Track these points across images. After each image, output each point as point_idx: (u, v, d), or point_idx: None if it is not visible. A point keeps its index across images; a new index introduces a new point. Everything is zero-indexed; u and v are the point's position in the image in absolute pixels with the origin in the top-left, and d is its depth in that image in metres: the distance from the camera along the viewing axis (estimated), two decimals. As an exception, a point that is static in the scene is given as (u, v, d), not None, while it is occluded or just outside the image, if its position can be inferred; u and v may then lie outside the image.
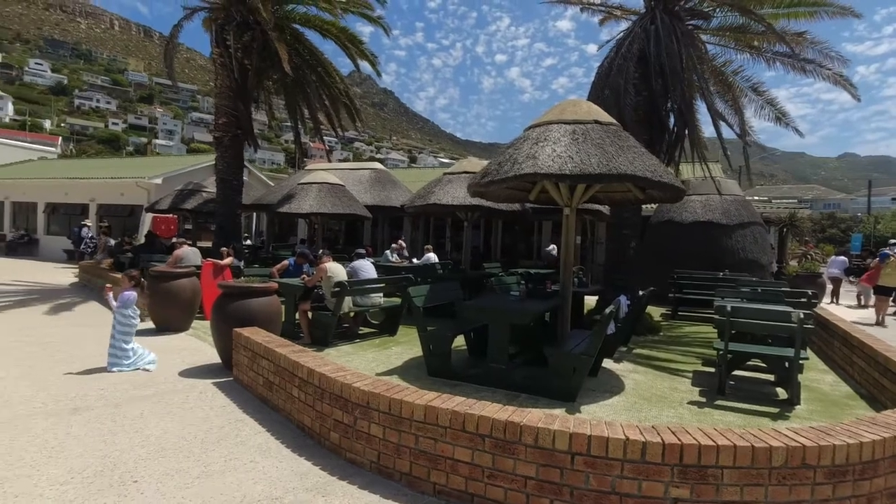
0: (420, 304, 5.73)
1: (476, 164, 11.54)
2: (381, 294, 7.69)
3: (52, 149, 37.97)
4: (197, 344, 6.53)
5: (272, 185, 22.02)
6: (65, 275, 13.91)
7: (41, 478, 2.78)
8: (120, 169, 22.80)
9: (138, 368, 5.12)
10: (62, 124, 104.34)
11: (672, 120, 9.26)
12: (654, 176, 5.09)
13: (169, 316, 7.14)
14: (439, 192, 10.47)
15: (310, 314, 6.93)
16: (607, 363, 6.17)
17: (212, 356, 5.72)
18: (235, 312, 5.05)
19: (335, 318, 6.68)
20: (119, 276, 9.69)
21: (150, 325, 7.45)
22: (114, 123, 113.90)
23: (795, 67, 9.37)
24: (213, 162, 19.68)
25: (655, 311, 9.90)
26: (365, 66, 14.06)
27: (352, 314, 7.41)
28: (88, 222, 18.42)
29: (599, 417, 4.06)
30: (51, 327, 7.23)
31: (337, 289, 6.54)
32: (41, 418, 3.67)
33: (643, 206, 9.62)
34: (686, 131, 9.14)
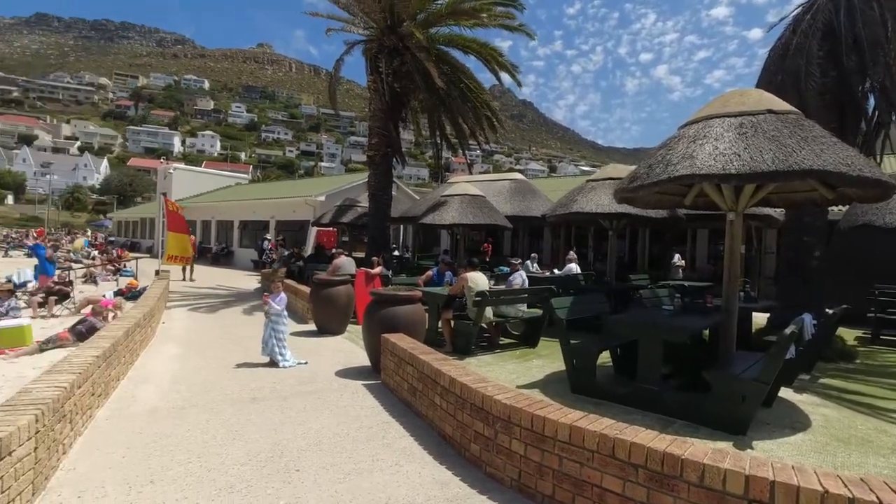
0: (563, 317, 5.48)
1: (621, 169, 10.83)
2: (524, 304, 7.57)
3: (245, 175, 45.39)
4: (351, 346, 7.11)
5: (417, 198, 23.35)
6: (251, 281, 16.38)
7: (227, 457, 3.23)
8: (293, 189, 26.28)
9: (293, 366, 5.74)
10: (252, 154, 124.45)
11: (872, 102, 7.63)
12: (851, 170, 4.18)
13: (328, 319, 7.90)
14: (582, 199, 10.02)
15: (452, 323, 7.10)
16: (785, 392, 5.22)
17: (363, 359, 6.16)
18: (383, 318, 5.37)
19: (476, 328, 6.74)
20: (286, 283, 11.07)
21: (312, 326, 8.35)
22: (289, 151, 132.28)
23: None
24: (363, 180, 21.46)
25: (848, 334, 8.19)
26: (504, 78, 14.23)
27: (492, 324, 7.42)
28: (269, 236, 21.50)
29: (780, 458, 3.41)
30: (242, 325, 8.51)
31: (478, 298, 6.59)
32: (229, 404, 4.29)
33: (829, 209, 8.05)
34: (893, 116, 7.45)
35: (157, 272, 12.72)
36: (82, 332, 6.68)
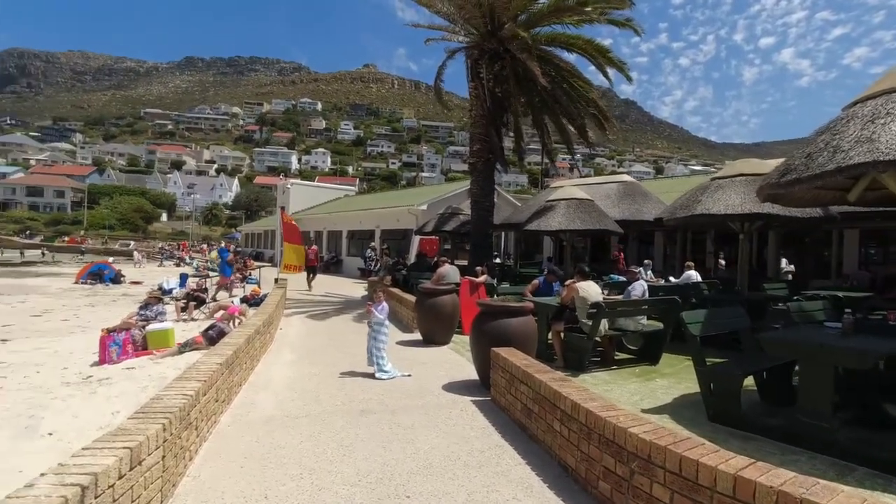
0: (697, 333, 4.77)
1: (755, 164, 9.52)
2: (644, 317, 6.85)
3: (353, 188, 48.13)
4: (456, 358, 6.91)
5: (519, 204, 22.87)
6: (358, 289, 17.06)
7: (337, 475, 3.12)
8: (396, 199, 27.18)
9: (395, 377, 5.62)
10: (359, 168, 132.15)
11: None
12: None
13: (433, 329, 7.79)
14: (707, 200, 8.93)
15: (563, 335, 6.61)
16: None
17: (470, 372, 5.91)
18: (493, 331, 5.07)
19: (590, 342, 6.19)
20: (388, 291, 11.22)
21: (417, 336, 8.30)
22: (392, 163, 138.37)
23: None
24: (466, 187, 21.39)
25: None
26: (606, 78, 13.42)
27: (608, 338, 6.79)
28: (374, 244, 22.37)
29: None
30: (350, 333, 8.74)
31: (593, 310, 6.04)
32: (339, 416, 4.26)
33: None
34: None
35: (276, 280, 13.69)
36: (213, 337, 7.24)
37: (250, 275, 19.81)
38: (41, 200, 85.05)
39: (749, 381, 5.18)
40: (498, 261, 20.76)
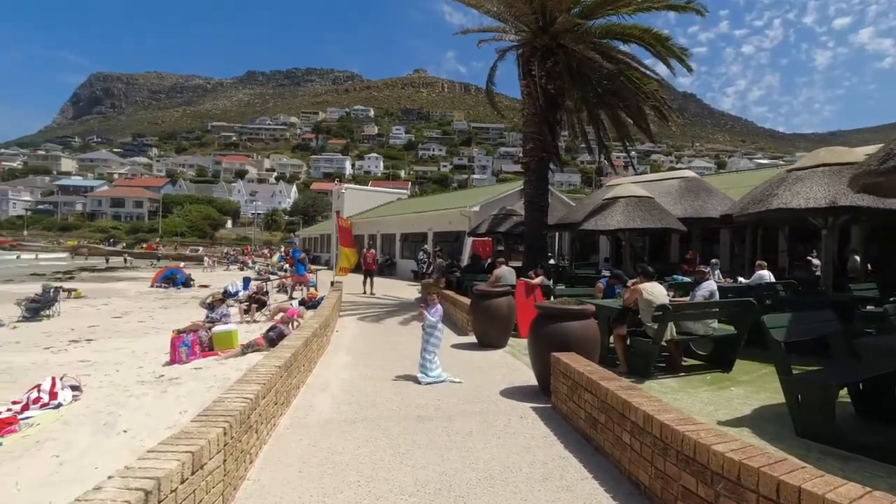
0: (781, 338, 4.33)
1: (840, 152, 8.67)
2: (715, 320, 6.37)
3: (405, 191, 48.89)
4: (513, 362, 6.71)
5: (573, 204, 22.28)
6: (412, 291, 17.15)
7: (395, 483, 3.03)
8: (448, 202, 27.22)
9: (444, 381, 5.48)
10: (410, 171, 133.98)
11: None
12: None
13: (488, 332, 7.63)
14: (785, 193, 8.21)
15: (627, 340, 6.25)
16: None
17: (528, 377, 5.71)
18: (552, 335, 4.85)
19: (656, 347, 5.81)
20: (442, 293, 11.15)
21: (472, 339, 8.17)
22: (443, 166, 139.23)
23: None
24: (519, 188, 21.04)
25: None
26: (663, 69, 12.78)
27: (674, 342, 6.36)
28: (427, 247, 22.47)
29: None
30: (403, 336, 8.74)
31: (658, 312, 5.67)
32: (395, 421, 4.19)
33: None
34: None
35: (332, 283, 13.98)
36: (273, 339, 7.44)
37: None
38: (123, 211, 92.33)
39: (841, 393, 4.66)
40: (552, 262, 20.26)
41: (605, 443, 3.48)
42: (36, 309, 12.58)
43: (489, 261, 17.74)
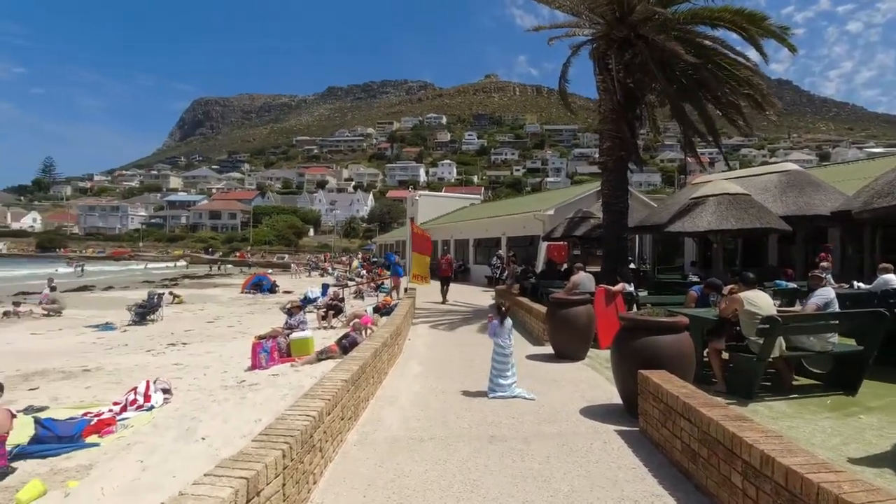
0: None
1: None
2: (835, 334, 5.49)
3: (478, 197, 48.69)
4: (593, 376, 6.21)
5: (655, 205, 20.92)
6: (485, 297, 16.85)
7: (464, 515, 2.77)
8: (522, 205, 26.65)
9: (515, 397, 5.12)
10: (483, 177, 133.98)
11: None
12: None
13: (566, 343, 7.17)
14: (921, 184, 7.01)
15: (724, 355, 5.56)
16: None
17: (611, 394, 5.22)
18: (640, 350, 4.35)
19: (762, 364, 5.08)
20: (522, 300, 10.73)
21: (548, 349, 7.73)
22: (516, 170, 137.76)
23: None
24: (595, 189, 20.08)
25: None
26: (754, 55, 11.52)
27: (784, 359, 5.55)
28: (500, 252, 22.09)
29: None
30: (477, 345, 8.46)
31: (765, 325, 4.95)
32: (465, 442, 3.92)
33: None
34: None
35: (405, 290, 14.05)
36: (346, 346, 7.48)
37: (382, 283, 20.79)
38: (219, 222, 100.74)
39: None
40: (632, 266, 19.06)
41: (709, 482, 2.98)
42: (142, 313, 13.79)
43: (564, 266, 17.03)
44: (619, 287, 8.45)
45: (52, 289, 16.88)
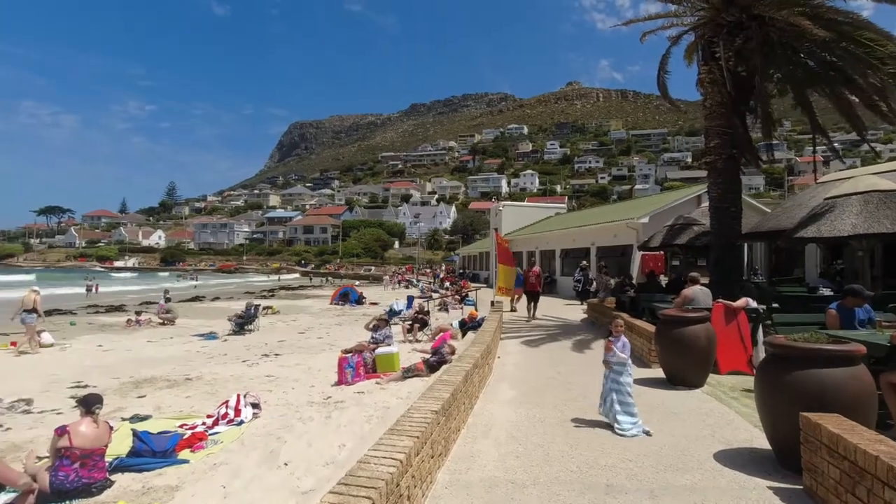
0: None
1: None
2: None
3: (563, 206, 47.13)
4: (720, 409, 5.24)
5: (765, 210, 18.69)
6: (575, 311, 15.82)
7: None
8: (611, 214, 25.09)
9: (636, 435, 4.36)
10: (567, 186, 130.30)
11: None
12: None
13: (681, 367, 6.21)
14: None
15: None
16: None
17: (748, 434, 4.30)
18: (799, 386, 3.43)
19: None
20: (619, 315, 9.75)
21: (656, 372, 6.81)
22: (601, 178, 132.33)
23: None
24: (692, 195, 18.31)
25: None
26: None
27: None
28: (584, 262, 20.84)
29: None
30: (572, 365, 7.70)
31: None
32: (577, 492, 3.25)
33: None
34: None
35: (492, 303, 13.50)
36: (433, 364, 7.10)
37: (467, 296, 20.41)
38: (312, 236, 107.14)
39: None
40: (744, 278, 16.96)
41: (941, 585, 2.12)
42: (241, 324, 14.50)
43: (666, 278, 15.56)
44: (741, 302, 7.28)
45: (168, 300, 18.44)
